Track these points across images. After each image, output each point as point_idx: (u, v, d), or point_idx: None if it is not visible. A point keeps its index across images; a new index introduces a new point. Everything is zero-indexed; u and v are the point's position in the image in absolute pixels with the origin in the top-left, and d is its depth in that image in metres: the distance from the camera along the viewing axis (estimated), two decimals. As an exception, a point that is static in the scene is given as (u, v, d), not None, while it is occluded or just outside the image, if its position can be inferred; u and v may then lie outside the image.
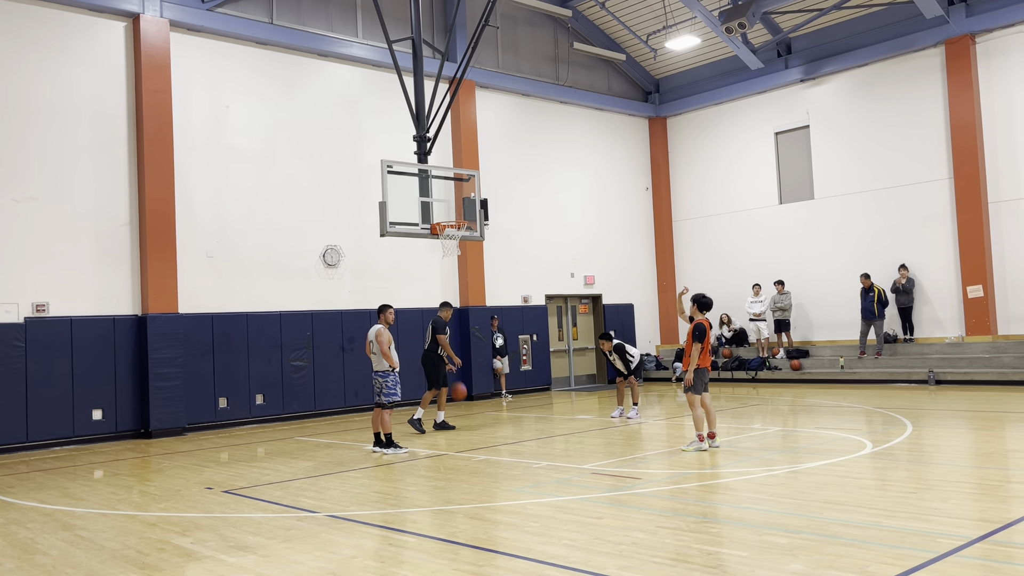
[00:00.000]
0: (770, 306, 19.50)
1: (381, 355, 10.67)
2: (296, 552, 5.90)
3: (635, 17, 20.61)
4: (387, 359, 10.65)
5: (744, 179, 20.93)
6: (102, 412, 13.37)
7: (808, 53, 19.62)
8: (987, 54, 17.06)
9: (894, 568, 4.87)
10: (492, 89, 19.22)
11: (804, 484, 7.50)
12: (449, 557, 5.61)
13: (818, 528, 5.90)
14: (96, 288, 13.63)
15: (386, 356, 10.64)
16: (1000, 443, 9.71)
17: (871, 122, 18.69)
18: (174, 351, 13.91)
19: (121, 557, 6.01)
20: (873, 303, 17.75)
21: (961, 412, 12.50)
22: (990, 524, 5.82)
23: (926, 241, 17.78)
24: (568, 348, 20.89)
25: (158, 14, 14.25)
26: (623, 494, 7.48)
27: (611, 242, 21.51)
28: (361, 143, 16.86)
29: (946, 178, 17.52)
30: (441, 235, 13.26)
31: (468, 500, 7.50)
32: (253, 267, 15.30)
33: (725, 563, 5.19)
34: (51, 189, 13.33)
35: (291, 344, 15.48)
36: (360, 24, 17.14)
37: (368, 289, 16.68)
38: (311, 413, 15.67)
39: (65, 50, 13.62)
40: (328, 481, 8.84)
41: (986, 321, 16.81)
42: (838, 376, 17.93)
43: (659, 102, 22.59)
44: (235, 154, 15.26)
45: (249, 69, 15.60)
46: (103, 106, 13.94)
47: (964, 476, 7.83)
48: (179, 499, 8.18)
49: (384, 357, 10.65)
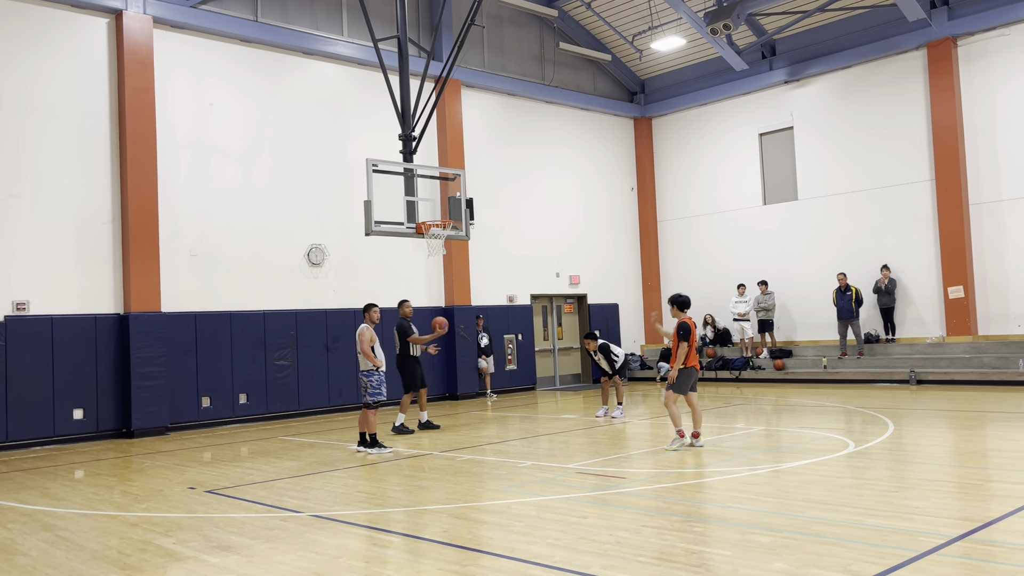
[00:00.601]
0: (754, 306, 19.59)
1: (363, 355, 10.65)
2: (280, 552, 5.87)
3: (621, 18, 20.66)
4: (368, 358, 10.62)
5: (728, 180, 21.02)
6: (83, 411, 13.25)
7: (792, 55, 19.73)
8: (969, 57, 17.22)
9: (876, 566, 4.91)
10: (478, 88, 19.21)
11: (787, 483, 7.55)
12: (434, 557, 5.60)
13: (801, 527, 5.93)
14: (78, 286, 13.51)
15: (367, 356, 10.62)
16: (980, 442, 9.80)
17: (854, 124, 18.82)
18: (157, 350, 13.81)
19: (102, 558, 5.96)
20: (850, 302, 17.88)
21: (942, 412, 12.61)
22: (971, 523, 5.87)
23: (908, 242, 17.92)
24: (553, 348, 20.90)
25: (141, 10, 14.14)
26: (608, 493, 7.49)
27: (596, 242, 21.55)
28: (346, 142, 16.81)
29: (928, 180, 17.67)
30: (426, 234, 13.24)
31: (452, 500, 7.49)
32: (237, 266, 15.21)
33: (709, 562, 5.21)
34: (32, 187, 13.20)
35: (275, 343, 15.41)
36: (345, 22, 17.09)
37: (353, 288, 16.63)
38: (295, 413, 15.60)
39: (47, 46, 13.50)
40: (312, 481, 8.80)
41: (966, 322, 16.96)
42: (821, 376, 18.05)
43: (644, 103, 22.65)
44: (219, 152, 15.17)
45: (233, 67, 15.51)
46: (85, 103, 13.81)
47: (945, 475, 7.90)
48: (161, 499, 8.12)
49: (366, 356, 10.63)
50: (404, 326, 12.58)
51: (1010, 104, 16.69)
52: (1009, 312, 16.70)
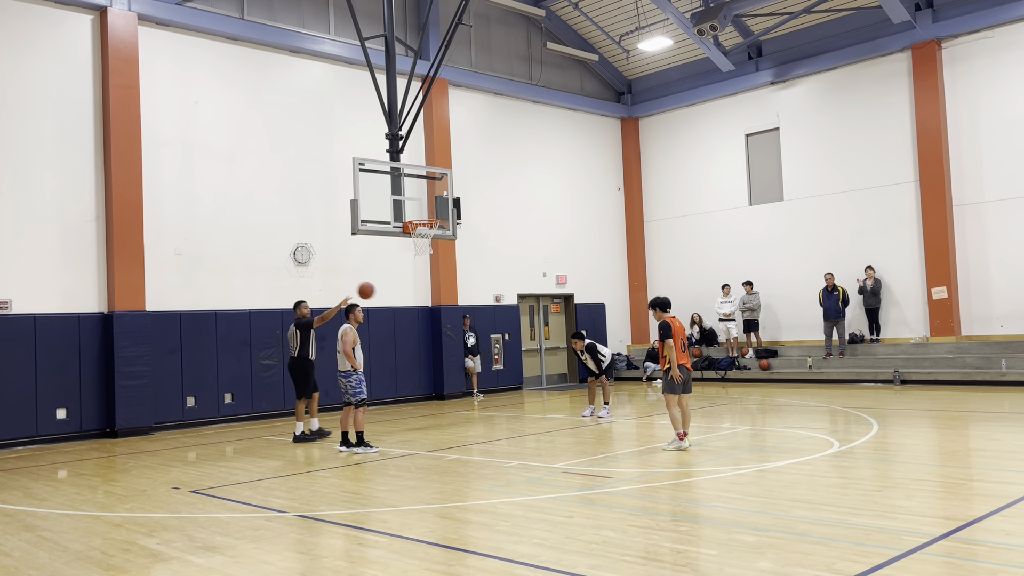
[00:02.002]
0: (739, 307, 19.66)
1: (344, 355, 10.61)
2: (265, 552, 5.85)
3: (608, 18, 20.69)
4: (349, 360, 10.59)
5: (715, 180, 21.08)
6: (66, 411, 13.14)
7: (778, 56, 19.82)
8: (953, 59, 17.35)
9: (860, 565, 4.94)
10: (465, 88, 19.18)
11: (772, 483, 7.58)
12: (419, 557, 5.59)
13: (786, 526, 5.96)
14: (61, 285, 13.40)
15: (348, 357, 10.58)
16: (963, 442, 9.88)
17: (839, 125, 18.92)
18: (141, 349, 13.72)
19: (86, 558, 5.91)
20: (837, 302, 17.99)
21: (925, 411, 12.70)
22: (953, 522, 5.91)
23: (892, 243, 18.04)
24: (540, 347, 20.91)
25: (126, 7, 14.03)
26: (594, 493, 7.51)
27: (583, 242, 21.57)
28: (332, 140, 16.74)
29: (912, 181, 17.79)
30: (413, 234, 13.22)
31: (439, 499, 7.49)
32: (222, 265, 15.12)
33: (694, 561, 5.23)
34: (14, 184, 13.08)
35: (260, 343, 15.33)
36: (332, 21, 17.02)
37: (339, 287, 16.53)
38: (280, 412, 15.53)
39: (30, 42, 13.37)
40: (297, 481, 8.77)
41: (950, 322, 17.10)
42: (806, 376, 18.14)
43: (631, 103, 22.69)
44: (204, 150, 15.08)
45: (219, 65, 15.42)
46: (69, 100, 13.69)
47: (928, 475, 7.96)
48: (145, 499, 8.07)
49: (347, 358, 10.59)
50: (304, 323, 12.12)
51: (994, 106, 16.83)
52: (992, 313, 16.84)
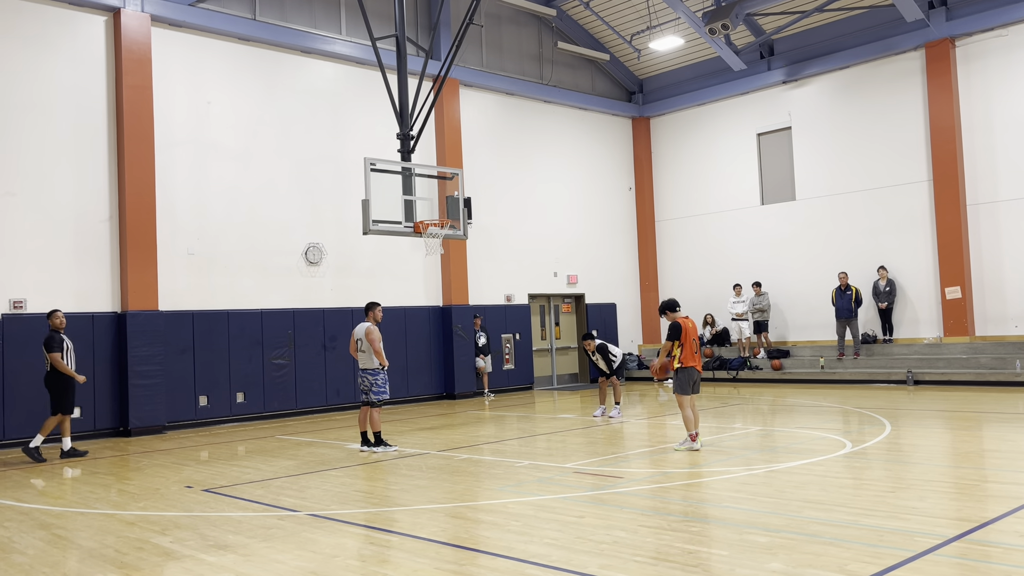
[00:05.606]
0: (749, 307, 19.60)
1: (372, 353, 10.60)
2: (277, 551, 5.87)
3: (619, 17, 20.66)
4: (379, 357, 10.59)
5: (726, 180, 21.02)
6: (80, 410, 13.21)
7: (790, 55, 19.74)
8: (967, 58, 17.23)
9: (872, 567, 4.91)
10: (476, 88, 19.20)
11: (784, 483, 7.55)
12: (431, 556, 5.60)
13: (798, 527, 5.94)
14: (75, 285, 13.49)
15: (378, 354, 10.57)
16: (977, 443, 9.81)
17: (852, 124, 18.82)
18: (154, 349, 13.79)
19: (99, 556, 5.95)
20: (850, 301, 17.90)
21: (939, 412, 12.63)
22: (967, 523, 5.88)
23: (905, 243, 17.94)
24: (551, 347, 20.90)
25: (139, 8, 14.12)
26: (605, 493, 7.50)
27: (594, 242, 21.55)
28: (344, 141, 16.79)
29: (925, 180, 17.68)
30: (424, 233, 13.23)
31: (450, 499, 7.49)
32: (234, 264, 15.19)
33: (706, 562, 5.22)
34: (30, 185, 13.17)
35: (272, 342, 15.39)
36: (344, 21, 17.07)
37: (350, 287, 16.63)
38: (292, 412, 15.59)
39: (45, 44, 13.47)
40: (309, 480, 8.80)
41: (964, 322, 16.98)
42: (818, 376, 18.06)
43: (642, 102, 22.64)
44: (217, 150, 15.15)
45: (231, 65, 15.49)
46: (83, 101, 13.79)
47: (941, 475, 7.91)
48: (158, 498, 8.11)
49: (376, 355, 10.58)
50: (54, 340, 11.01)
51: (1008, 105, 16.71)
52: (1006, 313, 16.72)
